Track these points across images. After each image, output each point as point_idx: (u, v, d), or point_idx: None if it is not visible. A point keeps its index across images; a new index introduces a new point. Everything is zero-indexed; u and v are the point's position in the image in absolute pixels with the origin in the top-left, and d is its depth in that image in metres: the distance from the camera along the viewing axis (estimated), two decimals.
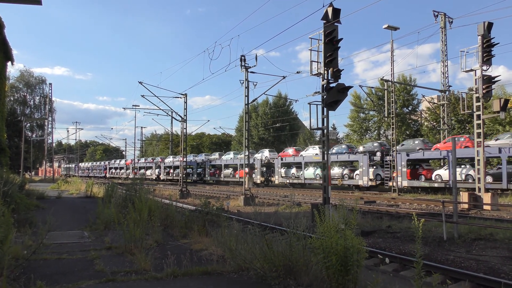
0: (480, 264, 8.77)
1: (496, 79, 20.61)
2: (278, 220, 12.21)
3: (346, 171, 36.17)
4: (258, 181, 43.82)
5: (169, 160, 62.00)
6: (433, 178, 29.85)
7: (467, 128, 39.99)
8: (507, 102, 20.34)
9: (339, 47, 13.86)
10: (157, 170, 64.46)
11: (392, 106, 33.09)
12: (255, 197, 26.09)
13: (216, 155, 54.94)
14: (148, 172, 66.34)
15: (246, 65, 25.83)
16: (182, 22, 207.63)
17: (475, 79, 20.79)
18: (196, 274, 6.47)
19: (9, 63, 22.55)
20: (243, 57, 25.74)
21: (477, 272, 7.86)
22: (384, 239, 11.90)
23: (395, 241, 11.61)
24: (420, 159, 31.55)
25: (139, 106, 72.50)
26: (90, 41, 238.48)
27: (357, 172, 34.67)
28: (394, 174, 31.35)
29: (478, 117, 21.00)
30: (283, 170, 43.00)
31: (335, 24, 13.71)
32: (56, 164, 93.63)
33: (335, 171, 36.76)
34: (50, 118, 62.15)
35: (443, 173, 28.76)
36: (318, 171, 37.44)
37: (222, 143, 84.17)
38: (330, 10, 13.65)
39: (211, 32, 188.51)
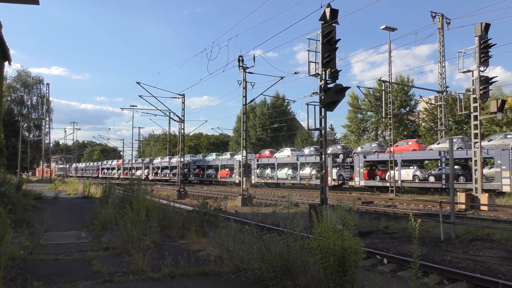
0: (477, 264, 8.78)
1: (493, 80, 20.67)
2: (276, 221, 12.23)
3: (314, 172, 37.55)
4: (237, 181, 45.38)
5: (157, 161, 66.17)
6: (386, 178, 32.28)
7: (464, 129, 40.08)
8: (504, 103, 20.42)
9: (337, 47, 13.88)
10: (146, 171, 68.05)
11: (390, 106, 33.15)
12: (253, 197, 26.09)
13: (200, 156, 57.27)
14: (138, 172, 69.09)
15: (244, 65, 25.82)
16: (179, 23, 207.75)
17: (473, 80, 20.86)
18: (194, 274, 6.47)
19: (6, 63, 22.48)
20: (241, 58, 25.73)
21: (474, 273, 7.87)
22: (381, 240, 11.91)
23: (393, 241, 11.62)
24: (376, 160, 34.15)
25: (136, 106, 72.64)
26: (87, 41, 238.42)
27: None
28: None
29: (476, 118, 21.07)
30: (258, 171, 45.53)
31: (333, 24, 13.72)
32: (53, 164, 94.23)
33: (306, 171, 38.73)
34: (47, 118, 62.00)
35: (395, 173, 31.32)
36: (290, 171, 40.95)
37: (220, 144, 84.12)
38: (328, 10, 13.66)
39: (209, 32, 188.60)
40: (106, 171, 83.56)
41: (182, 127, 33.52)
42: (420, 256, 4.52)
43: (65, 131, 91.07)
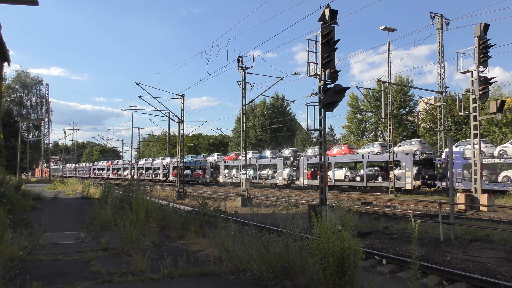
0: (476, 265, 8.78)
1: (492, 81, 20.67)
2: (275, 221, 12.23)
3: (270, 172, 43.26)
4: (208, 180, 53.23)
5: (142, 162, 72.13)
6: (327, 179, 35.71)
7: (464, 129, 40.10)
8: (503, 103, 20.41)
9: (336, 48, 13.88)
10: (132, 171, 72.65)
11: (389, 107, 33.16)
12: (253, 198, 26.09)
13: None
14: (125, 172, 74.24)
15: (244, 66, 25.81)
16: (178, 23, 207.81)
17: (472, 81, 20.86)
18: (193, 275, 6.46)
19: (5, 64, 22.45)
20: (240, 58, 25.72)
21: (473, 273, 7.87)
22: (381, 240, 11.90)
23: (392, 242, 11.61)
24: (317, 163, 37.15)
25: (136, 107, 72.83)
26: (87, 42, 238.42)
27: (276, 173, 41.89)
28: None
29: (475, 118, 21.07)
30: (226, 171, 49.77)
31: (332, 25, 13.72)
32: (52, 164, 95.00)
33: (264, 172, 44.52)
34: (46, 119, 61.97)
35: (331, 174, 35.39)
36: (251, 172, 44.64)
37: (219, 144, 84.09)
38: (327, 11, 13.66)
39: (208, 33, 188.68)
40: (97, 171, 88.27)
41: (182, 128, 33.52)
42: (420, 257, 4.51)
43: (64, 131, 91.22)
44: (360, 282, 5.35)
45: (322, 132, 14.40)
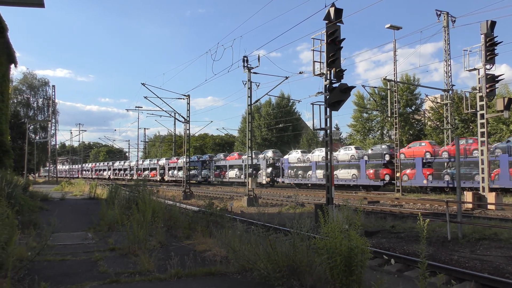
0: (484, 264, 8.73)
1: (499, 78, 20.53)
2: (282, 221, 12.20)
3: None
4: (158, 179, 63.05)
5: (116, 164, 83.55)
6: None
7: (471, 127, 39.83)
8: (510, 101, 20.22)
9: (342, 47, 13.85)
10: (109, 171, 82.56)
11: (395, 106, 33.02)
12: (259, 197, 26.09)
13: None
14: (104, 173, 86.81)
15: (249, 65, 25.82)
16: (182, 24, 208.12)
17: (479, 78, 20.72)
18: (200, 275, 6.48)
19: (12, 66, 22.62)
20: (245, 58, 25.73)
21: (481, 272, 7.82)
22: (388, 239, 11.86)
23: (399, 241, 11.57)
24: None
25: (142, 107, 73.03)
26: (92, 43, 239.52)
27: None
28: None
29: (482, 116, 20.93)
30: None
31: (337, 24, 13.70)
32: (60, 166, 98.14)
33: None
34: (53, 120, 62.24)
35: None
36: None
37: (225, 144, 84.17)
38: (332, 10, 13.64)
39: (212, 33, 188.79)
40: (85, 172, 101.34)
41: (188, 128, 33.59)
42: (427, 256, 4.50)
43: (71, 132, 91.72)
44: (368, 281, 5.33)
45: (328, 131, 14.37)
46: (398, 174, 31.23)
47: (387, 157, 33.93)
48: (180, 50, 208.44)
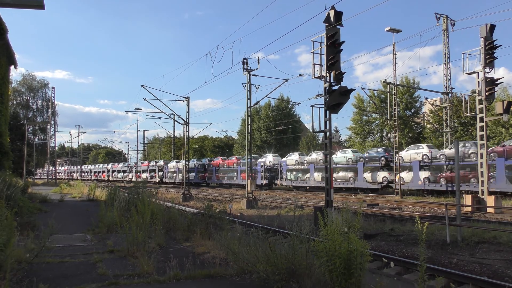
0: (483, 267, 8.72)
1: (499, 81, 20.55)
2: (281, 223, 12.21)
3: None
4: (127, 179, 68.51)
5: (91, 167, 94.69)
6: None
7: (470, 130, 39.86)
8: (510, 104, 20.24)
9: (341, 49, 13.87)
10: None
11: (395, 108, 33.04)
12: (258, 200, 26.07)
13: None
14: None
15: (249, 68, 25.86)
16: (181, 26, 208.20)
17: (478, 82, 20.73)
18: (199, 277, 6.47)
19: (12, 67, 22.62)
20: (245, 60, 25.77)
21: (480, 276, 7.82)
22: (387, 242, 11.86)
23: (398, 244, 11.57)
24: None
25: (141, 109, 73.04)
26: (91, 45, 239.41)
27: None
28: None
29: (481, 119, 20.94)
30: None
31: (337, 27, 13.72)
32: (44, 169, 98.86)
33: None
34: (52, 122, 62.24)
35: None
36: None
37: (224, 146, 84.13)
38: (332, 13, 13.66)
39: (210, 35, 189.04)
40: (72, 174, 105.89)
41: (187, 130, 33.59)
42: (426, 259, 4.50)
43: (70, 134, 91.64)
44: (367, 284, 5.32)
45: (327, 133, 14.37)
46: (397, 177, 31.22)
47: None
48: (179, 52, 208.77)
